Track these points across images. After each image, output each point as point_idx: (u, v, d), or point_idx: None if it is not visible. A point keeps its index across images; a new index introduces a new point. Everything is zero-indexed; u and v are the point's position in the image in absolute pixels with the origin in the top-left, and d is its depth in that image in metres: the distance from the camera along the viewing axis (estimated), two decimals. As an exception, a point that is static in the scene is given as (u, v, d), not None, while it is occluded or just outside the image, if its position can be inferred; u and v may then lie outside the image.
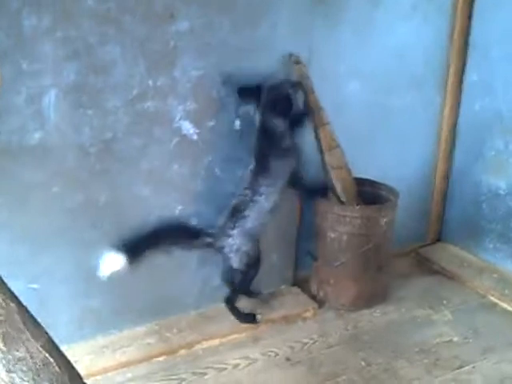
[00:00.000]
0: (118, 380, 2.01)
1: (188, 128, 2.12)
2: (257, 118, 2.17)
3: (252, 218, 2.15)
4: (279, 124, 2.13)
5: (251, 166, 2.16)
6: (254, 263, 2.22)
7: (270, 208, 2.17)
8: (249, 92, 2.14)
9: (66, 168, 1.94)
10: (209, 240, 2.15)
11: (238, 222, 2.14)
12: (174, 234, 2.11)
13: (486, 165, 2.75)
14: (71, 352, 1.33)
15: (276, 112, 2.11)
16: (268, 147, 2.14)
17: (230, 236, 2.15)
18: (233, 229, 2.15)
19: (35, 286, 1.99)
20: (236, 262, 2.17)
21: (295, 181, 2.23)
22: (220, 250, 2.16)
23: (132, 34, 1.91)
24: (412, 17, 2.55)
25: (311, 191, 2.39)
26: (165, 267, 2.19)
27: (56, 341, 1.19)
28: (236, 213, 2.15)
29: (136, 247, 1.98)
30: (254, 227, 2.16)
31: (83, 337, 2.13)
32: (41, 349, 1.11)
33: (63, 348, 1.22)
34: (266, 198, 2.15)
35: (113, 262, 1.93)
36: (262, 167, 2.14)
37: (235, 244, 2.15)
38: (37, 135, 1.85)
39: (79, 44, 1.84)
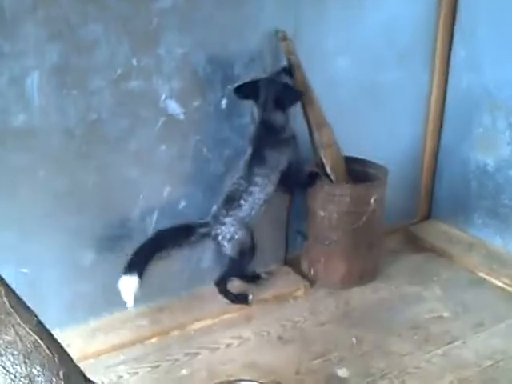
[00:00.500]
0: (111, 362, 2.01)
1: (174, 107, 2.09)
2: (256, 112, 2.17)
3: (246, 208, 2.16)
4: (279, 117, 2.15)
5: (246, 156, 2.17)
6: (247, 251, 2.22)
7: (264, 199, 2.19)
8: (246, 89, 2.13)
9: (51, 151, 1.91)
10: (204, 230, 2.15)
11: (232, 210, 2.15)
12: (171, 239, 2.12)
13: (474, 142, 2.75)
14: (63, 336, 1.33)
15: (278, 106, 2.12)
16: (266, 139, 2.15)
17: (223, 224, 2.16)
18: (226, 217, 2.16)
19: (25, 270, 1.97)
20: (229, 250, 2.18)
21: (291, 173, 2.24)
22: (215, 237, 2.17)
23: (115, 13, 1.88)
24: (400, -8, 2.53)
25: (305, 183, 2.38)
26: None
27: (48, 325, 1.18)
28: (230, 201, 2.16)
29: (140, 264, 2.02)
30: (247, 216, 2.18)
31: (75, 320, 2.12)
32: (30, 332, 1.10)
33: (55, 332, 1.21)
34: (261, 189, 2.16)
35: (129, 287, 1.99)
36: (258, 157, 2.15)
37: (229, 232, 2.16)
38: (21, 117, 1.82)
39: (61, 24, 1.80)
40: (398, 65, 2.64)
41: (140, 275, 2.00)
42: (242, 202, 2.15)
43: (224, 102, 2.18)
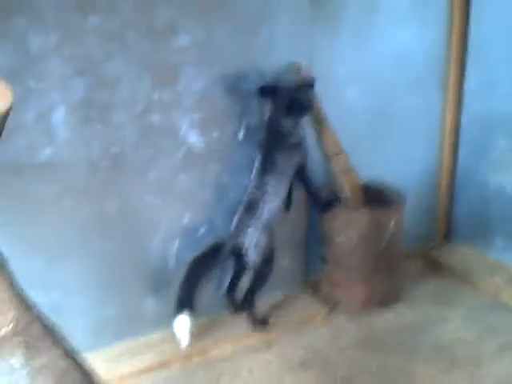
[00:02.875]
0: (135, 387, 2.05)
1: (194, 139, 2.15)
2: (267, 114, 2.20)
3: (266, 214, 2.18)
4: (289, 123, 2.17)
5: (257, 163, 2.19)
6: (268, 260, 2.24)
7: (280, 204, 2.21)
8: (268, 91, 2.17)
9: (76, 182, 1.98)
10: (230, 244, 2.18)
11: (253, 218, 2.18)
12: (205, 265, 2.16)
13: (491, 164, 2.74)
14: (89, 360, 1.35)
15: (291, 114, 2.15)
16: (275, 144, 2.18)
17: (247, 232, 2.18)
18: (249, 225, 2.18)
19: (51, 295, 2.01)
20: (253, 258, 2.20)
21: (301, 176, 2.27)
22: (240, 246, 2.19)
23: (135, 50, 1.96)
24: (410, 21, 2.56)
25: (320, 203, 2.40)
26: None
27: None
28: (250, 210, 2.18)
29: (188, 301, 2.09)
30: (268, 222, 2.20)
31: (100, 345, 2.15)
32: (62, 356, 1.12)
33: (81, 356, 1.24)
34: (275, 195, 2.19)
35: (183, 326, 2.08)
36: (268, 164, 2.17)
37: (253, 238, 2.18)
38: (47, 151, 1.90)
39: (85, 61, 1.89)
40: (411, 91, 2.66)
41: (190, 312, 2.07)
42: (260, 209, 2.18)
43: (242, 132, 2.24)
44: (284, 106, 2.14)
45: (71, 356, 1.14)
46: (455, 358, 2.14)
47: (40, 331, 1.11)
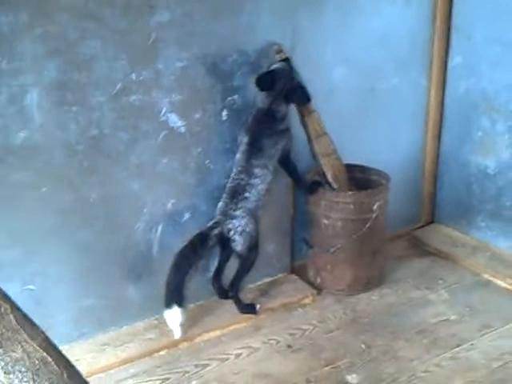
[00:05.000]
0: (121, 376, 2.01)
1: (175, 121, 2.10)
2: (261, 99, 2.17)
3: (253, 199, 2.17)
4: (284, 108, 2.17)
5: (243, 147, 2.17)
6: (254, 246, 2.22)
7: (266, 188, 2.19)
8: (266, 79, 2.13)
9: (53, 167, 1.92)
10: (216, 231, 2.14)
11: (240, 203, 2.15)
12: (192, 255, 2.11)
13: (474, 145, 2.76)
14: (72, 351, 1.32)
15: (286, 99, 2.16)
16: (264, 127, 2.16)
17: (234, 217, 2.16)
18: (236, 210, 2.15)
19: (31, 287, 1.97)
20: (239, 246, 2.17)
21: (286, 161, 2.26)
22: (227, 233, 2.16)
23: (112, 28, 1.89)
24: (395, 0, 2.54)
25: (306, 186, 2.39)
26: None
27: (56, 341, 1.17)
28: (236, 195, 2.16)
29: (176, 294, 2.06)
30: (255, 207, 2.18)
31: (83, 335, 2.12)
32: (38, 348, 1.09)
33: (63, 348, 1.21)
34: (262, 180, 2.17)
35: (174, 318, 2.08)
36: (255, 148, 2.15)
37: (240, 225, 2.16)
38: (21, 135, 1.83)
39: (59, 40, 1.81)
40: (396, 72, 2.65)
41: (180, 305, 2.06)
42: (247, 194, 2.15)
43: (224, 113, 2.20)
44: (284, 94, 2.14)
45: (48, 348, 1.12)
46: (439, 337, 2.17)
47: (15, 323, 1.08)
